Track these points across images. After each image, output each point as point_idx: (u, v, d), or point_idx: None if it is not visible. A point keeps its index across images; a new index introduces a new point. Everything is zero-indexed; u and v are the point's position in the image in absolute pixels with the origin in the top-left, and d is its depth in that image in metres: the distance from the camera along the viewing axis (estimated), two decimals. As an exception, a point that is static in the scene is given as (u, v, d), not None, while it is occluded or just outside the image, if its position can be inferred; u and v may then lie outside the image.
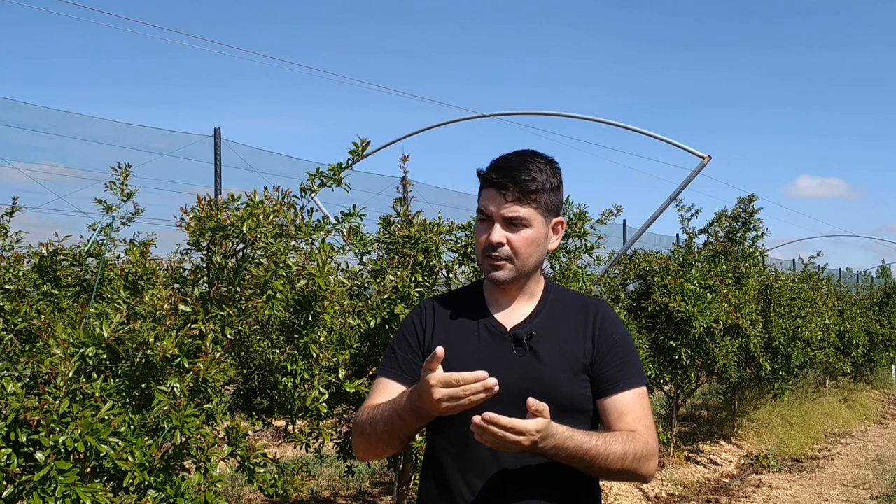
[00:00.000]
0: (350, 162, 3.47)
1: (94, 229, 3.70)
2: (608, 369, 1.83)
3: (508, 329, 1.86)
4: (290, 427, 3.48)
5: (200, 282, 3.21)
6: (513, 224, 1.82)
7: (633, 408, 1.81)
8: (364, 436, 1.83)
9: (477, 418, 1.57)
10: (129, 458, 2.42)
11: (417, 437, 2.46)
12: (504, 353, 1.81)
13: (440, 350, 1.65)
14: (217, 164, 8.51)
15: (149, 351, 2.62)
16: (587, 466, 1.71)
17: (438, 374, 1.63)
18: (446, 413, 1.66)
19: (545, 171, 1.84)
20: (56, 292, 3.58)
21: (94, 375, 2.57)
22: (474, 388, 1.61)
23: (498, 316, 1.89)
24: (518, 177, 1.80)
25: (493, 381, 1.61)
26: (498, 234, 1.82)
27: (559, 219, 1.90)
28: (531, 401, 1.60)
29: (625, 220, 14.72)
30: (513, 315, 1.89)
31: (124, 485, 2.51)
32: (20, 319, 3.17)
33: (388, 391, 1.86)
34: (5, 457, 2.30)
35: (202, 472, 2.63)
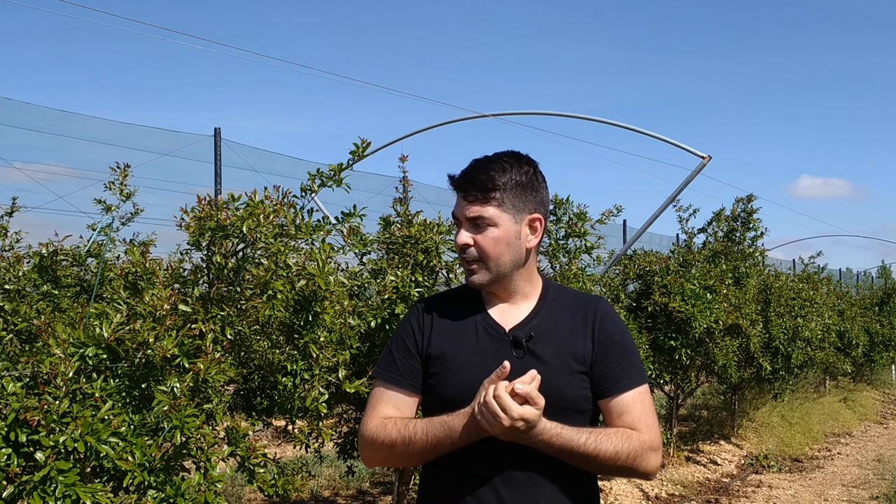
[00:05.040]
0: (350, 162, 3.47)
1: (94, 229, 3.70)
2: (609, 371, 1.82)
3: (507, 330, 1.84)
4: (290, 427, 3.48)
5: (200, 282, 3.21)
6: (477, 225, 1.81)
7: (633, 407, 1.81)
8: (392, 452, 1.81)
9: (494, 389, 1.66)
10: (129, 458, 2.42)
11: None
12: (503, 355, 1.79)
13: (507, 365, 1.69)
14: (217, 164, 8.50)
15: (149, 351, 2.62)
16: (577, 463, 1.74)
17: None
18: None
19: (508, 170, 1.82)
20: (56, 292, 3.58)
21: (94, 375, 2.56)
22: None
23: (495, 316, 1.87)
24: (476, 177, 1.81)
25: (538, 378, 1.69)
26: (463, 236, 1.82)
27: (535, 216, 1.86)
28: (517, 386, 1.65)
29: (625, 220, 14.73)
30: (510, 315, 1.87)
31: (124, 485, 2.51)
32: (20, 319, 3.16)
33: (393, 401, 1.86)
34: (5, 457, 2.30)
35: (202, 472, 2.63)
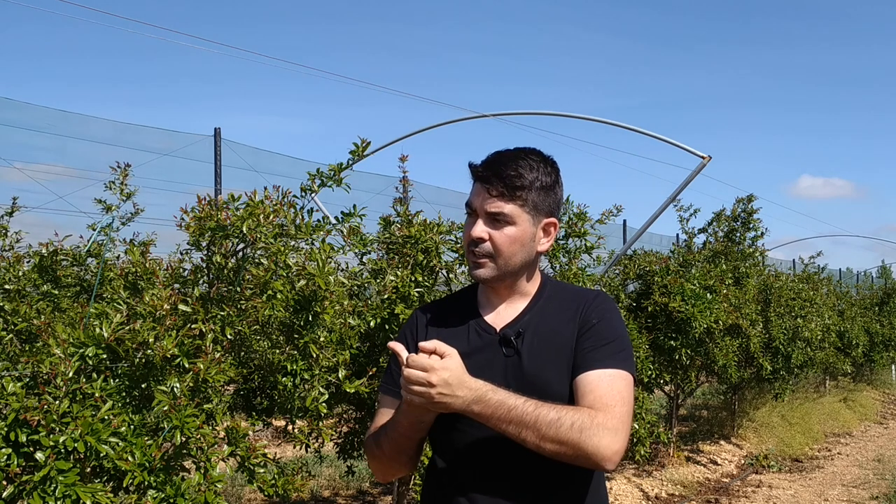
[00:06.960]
0: (350, 162, 3.47)
1: (94, 229, 3.71)
2: (580, 351, 1.76)
3: (498, 329, 1.82)
4: (290, 427, 3.48)
5: (200, 282, 3.21)
6: (496, 220, 1.76)
7: (596, 387, 1.68)
8: (375, 458, 1.85)
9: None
10: (129, 458, 2.42)
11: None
12: (493, 354, 1.78)
13: (429, 344, 1.66)
14: (217, 164, 8.50)
15: (149, 351, 2.62)
16: (519, 430, 1.62)
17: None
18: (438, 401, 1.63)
19: (536, 169, 1.77)
20: (56, 292, 3.58)
21: (94, 375, 2.56)
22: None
23: (488, 317, 1.85)
24: (504, 172, 1.75)
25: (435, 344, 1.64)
26: (479, 229, 1.77)
27: (551, 220, 1.82)
28: (421, 344, 1.63)
29: (625, 220, 14.73)
30: (503, 315, 1.84)
31: (124, 485, 2.51)
32: (20, 319, 3.16)
33: (389, 411, 1.85)
34: (5, 457, 2.30)
35: (202, 472, 2.63)
